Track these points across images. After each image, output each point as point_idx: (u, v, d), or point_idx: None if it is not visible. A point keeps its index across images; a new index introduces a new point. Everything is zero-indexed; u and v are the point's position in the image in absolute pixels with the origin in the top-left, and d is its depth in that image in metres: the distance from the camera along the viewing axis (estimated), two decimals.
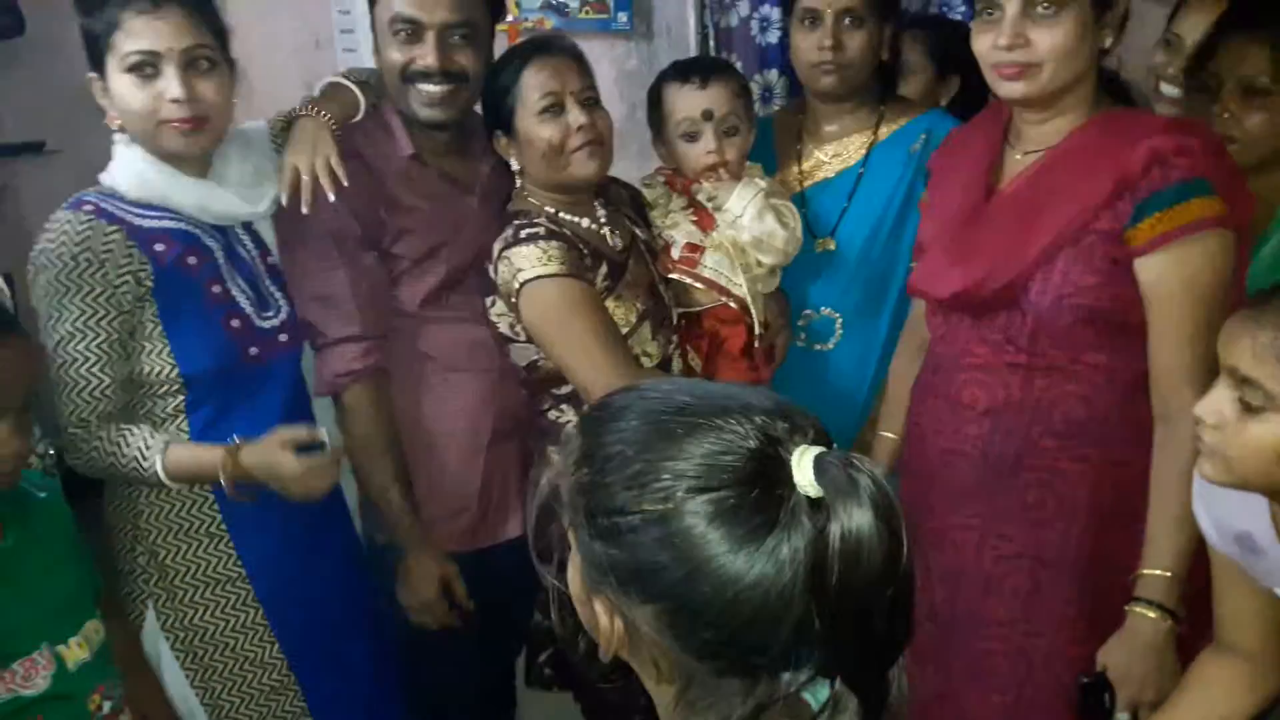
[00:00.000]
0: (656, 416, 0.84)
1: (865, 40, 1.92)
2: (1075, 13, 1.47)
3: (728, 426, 0.81)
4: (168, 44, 1.51)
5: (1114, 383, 1.55)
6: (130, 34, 1.50)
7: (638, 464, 0.82)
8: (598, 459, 0.85)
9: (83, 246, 1.51)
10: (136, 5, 1.50)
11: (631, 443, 0.83)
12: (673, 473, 0.80)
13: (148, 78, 1.51)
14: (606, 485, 0.83)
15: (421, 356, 1.84)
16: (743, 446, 0.80)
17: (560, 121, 1.72)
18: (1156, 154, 1.45)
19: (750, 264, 1.89)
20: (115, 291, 1.53)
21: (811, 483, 0.79)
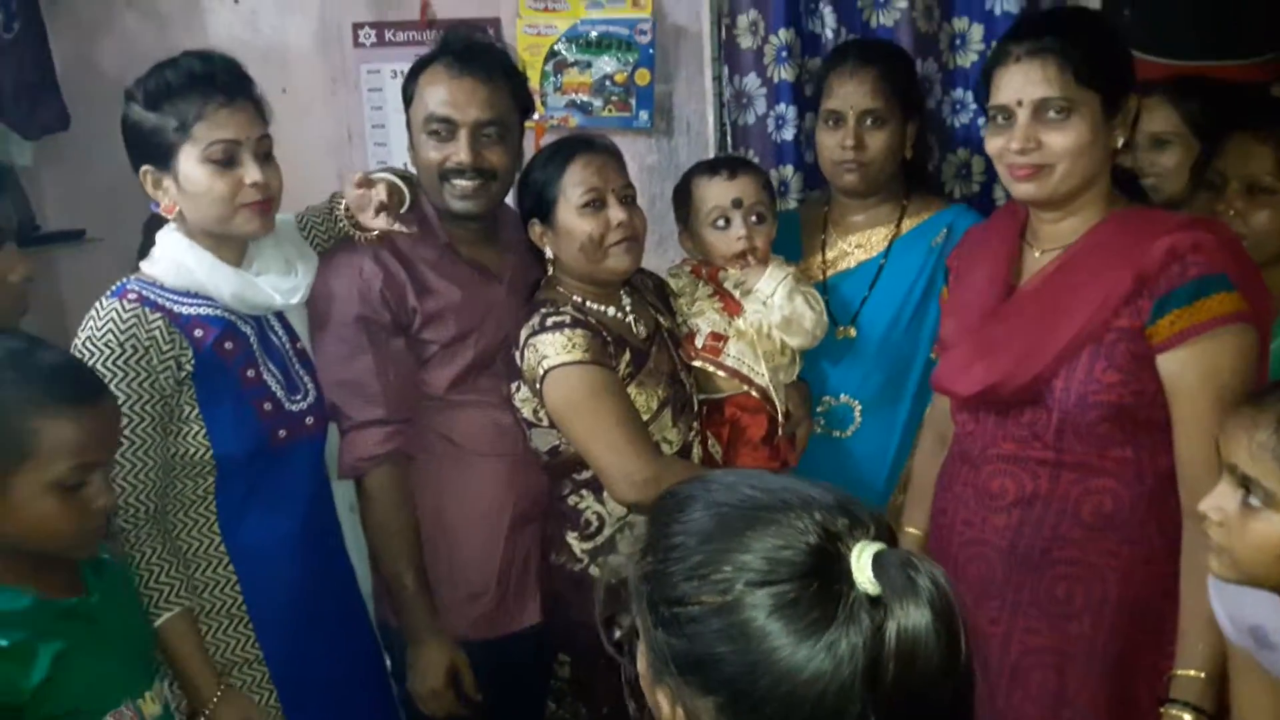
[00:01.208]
0: (720, 508, 0.86)
1: (886, 140, 1.99)
2: (1086, 115, 1.52)
3: (789, 521, 0.83)
4: (246, 133, 1.60)
5: (1141, 478, 1.55)
6: (214, 125, 1.58)
7: (699, 555, 0.83)
8: (661, 548, 0.86)
9: (128, 334, 1.55)
10: (218, 98, 1.58)
11: (695, 534, 0.85)
12: (734, 565, 0.82)
13: (227, 165, 1.59)
14: (669, 575, 0.84)
15: (445, 440, 1.87)
16: (803, 541, 0.82)
17: (601, 216, 1.78)
18: (1174, 251, 1.48)
19: (773, 352, 1.92)
20: (159, 377, 1.57)
21: (870, 580, 0.80)
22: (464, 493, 1.87)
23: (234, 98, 1.60)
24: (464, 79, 1.80)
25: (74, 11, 2.67)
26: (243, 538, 1.67)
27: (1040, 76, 1.52)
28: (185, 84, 1.58)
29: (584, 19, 2.73)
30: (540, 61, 2.74)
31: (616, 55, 2.74)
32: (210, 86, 1.59)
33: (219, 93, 1.59)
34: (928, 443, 1.88)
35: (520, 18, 2.73)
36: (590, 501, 1.82)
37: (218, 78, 1.60)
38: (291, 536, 1.71)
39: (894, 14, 2.54)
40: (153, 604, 1.57)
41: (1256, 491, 1.19)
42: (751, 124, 2.68)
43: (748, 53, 2.65)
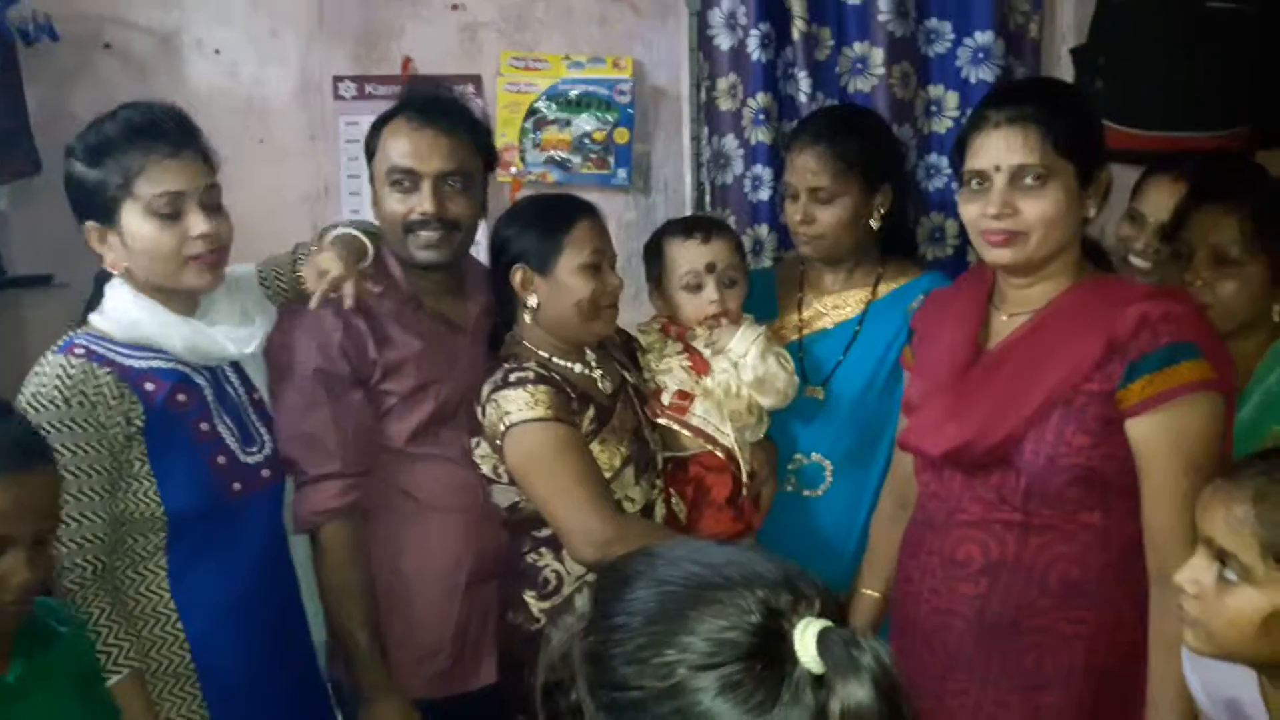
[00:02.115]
0: (663, 586, 0.84)
1: (837, 214, 1.98)
2: (1061, 184, 1.54)
3: (732, 599, 0.81)
4: (192, 184, 1.58)
5: (1109, 543, 1.54)
6: (157, 178, 1.55)
7: (642, 637, 0.82)
8: (604, 628, 0.85)
9: (74, 390, 1.52)
10: (160, 150, 1.56)
11: (637, 613, 0.83)
12: (679, 647, 0.80)
13: (172, 218, 1.56)
14: (611, 657, 0.83)
15: (403, 494, 1.84)
16: (747, 621, 0.80)
17: (599, 279, 1.81)
18: (1146, 318, 1.49)
19: (740, 412, 1.91)
20: (107, 433, 1.53)
21: (814, 658, 0.79)
22: (421, 548, 1.84)
23: (178, 148, 1.58)
24: (426, 130, 1.81)
25: (51, 57, 2.66)
26: (193, 595, 1.62)
27: (1020, 144, 1.54)
28: (125, 137, 1.56)
29: (564, 78, 2.76)
30: (520, 119, 2.76)
31: (596, 114, 2.76)
32: (152, 138, 1.56)
33: (161, 144, 1.56)
34: (887, 505, 1.87)
35: (501, 75, 2.75)
36: (549, 560, 1.80)
37: (160, 128, 1.57)
38: (244, 594, 1.66)
39: (871, 80, 2.59)
40: (102, 666, 1.52)
41: (1233, 566, 1.19)
42: (729, 184, 2.71)
43: (727, 114, 2.68)
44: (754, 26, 2.59)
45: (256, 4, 2.72)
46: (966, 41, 2.58)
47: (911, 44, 2.60)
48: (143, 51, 2.72)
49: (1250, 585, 1.17)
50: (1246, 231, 1.80)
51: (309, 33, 2.72)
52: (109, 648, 1.52)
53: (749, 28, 2.60)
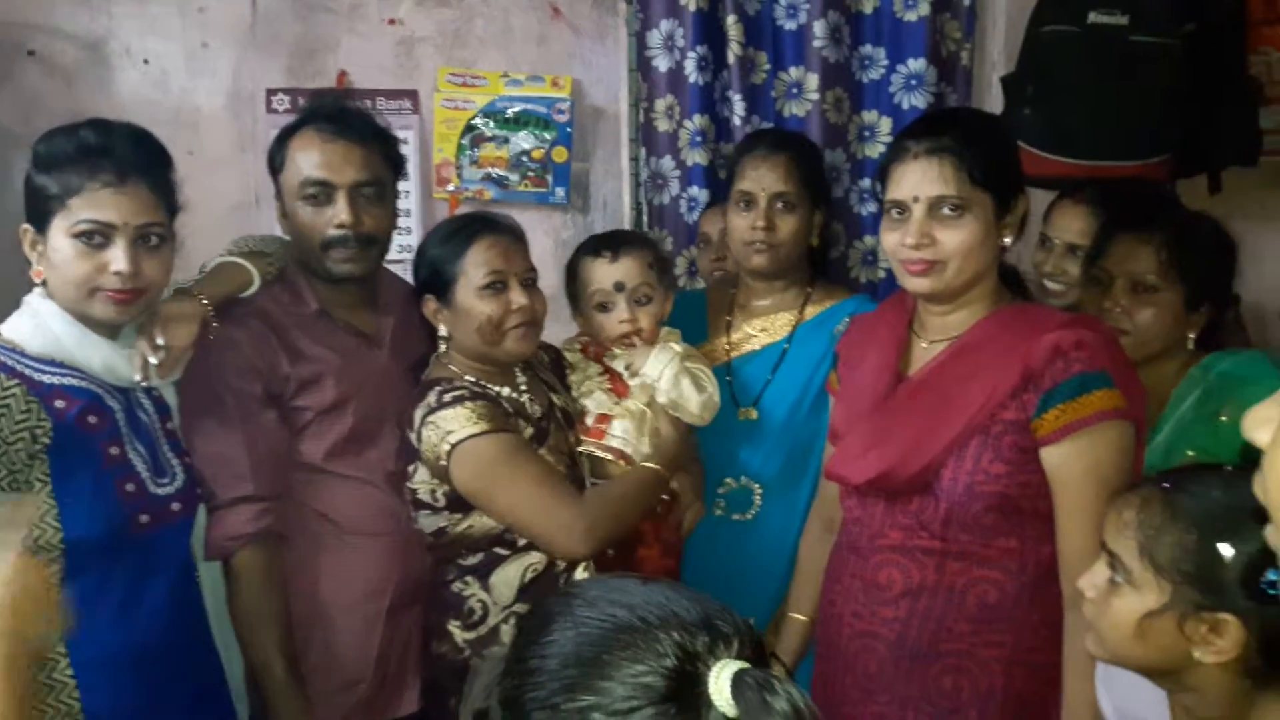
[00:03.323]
0: (579, 630, 0.83)
1: (795, 224, 2.02)
2: (978, 214, 1.56)
3: (648, 643, 0.81)
4: (125, 219, 1.52)
5: (1024, 568, 1.57)
6: (90, 203, 1.50)
7: (557, 682, 0.81)
8: (519, 670, 0.84)
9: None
10: (103, 176, 1.51)
11: (552, 658, 0.83)
12: (593, 691, 0.80)
13: (96, 247, 1.51)
14: (527, 701, 0.82)
15: (322, 518, 1.80)
16: (662, 665, 0.80)
17: (501, 299, 1.76)
18: (1058, 348, 1.51)
19: (666, 431, 1.90)
20: (9, 449, 1.47)
21: (728, 702, 0.79)
22: (341, 573, 1.79)
23: (125, 179, 1.52)
24: (338, 142, 1.78)
25: None
26: (88, 637, 1.50)
27: (937, 175, 1.56)
28: (76, 154, 1.51)
29: (502, 96, 2.75)
30: (457, 135, 2.75)
31: (534, 132, 2.76)
32: (100, 162, 1.51)
33: (109, 171, 1.51)
34: (815, 528, 1.88)
35: (438, 91, 2.74)
36: (475, 589, 1.77)
37: (114, 154, 1.52)
38: (145, 637, 1.57)
39: (805, 104, 2.62)
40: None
41: (1119, 568, 1.22)
42: (666, 204, 2.72)
43: (664, 135, 2.70)
44: (691, 49, 2.61)
45: (187, 15, 2.68)
46: (900, 68, 2.63)
47: (846, 70, 2.64)
48: (69, 60, 2.66)
49: (1130, 587, 1.21)
50: (1163, 260, 1.84)
51: (241, 44, 2.69)
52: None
53: (686, 50, 2.62)
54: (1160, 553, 1.19)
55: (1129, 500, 1.25)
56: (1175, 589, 1.17)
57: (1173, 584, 1.18)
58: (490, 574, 1.76)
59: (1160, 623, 1.18)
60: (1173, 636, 1.18)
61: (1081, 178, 2.43)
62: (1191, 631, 1.17)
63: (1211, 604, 1.15)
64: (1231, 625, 1.14)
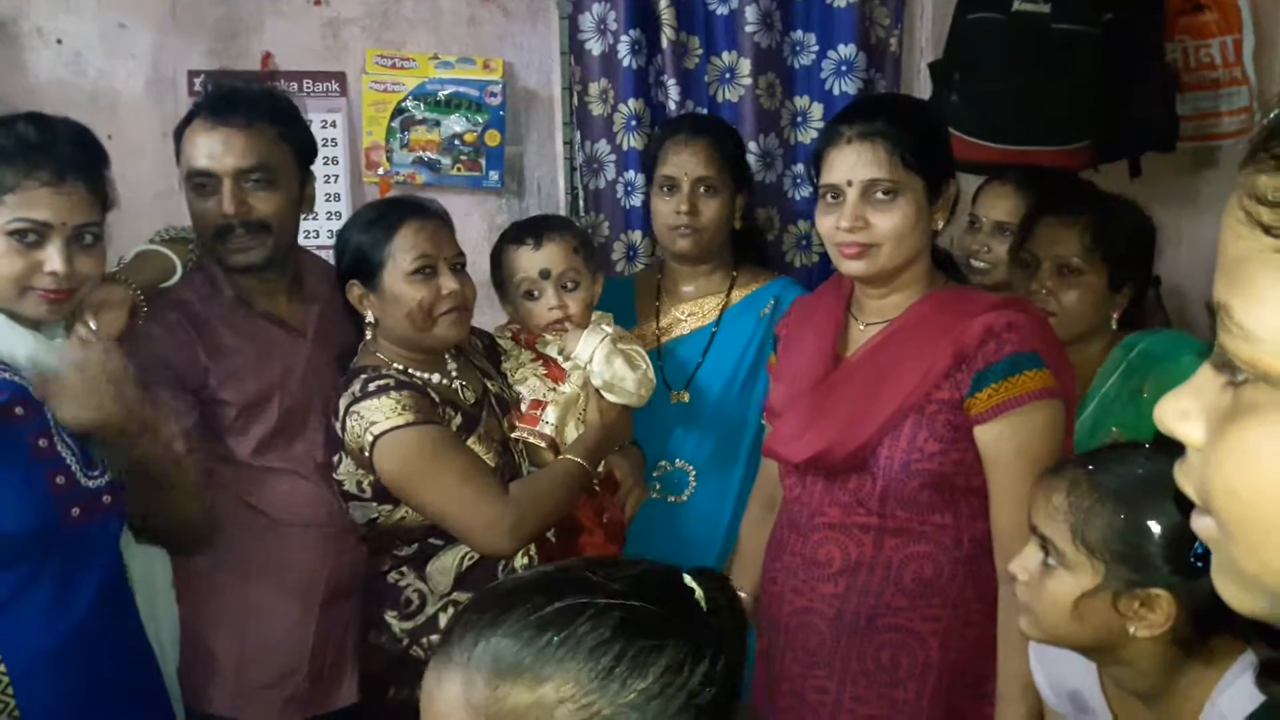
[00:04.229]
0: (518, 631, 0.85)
1: (718, 207, 2.04)
2: (910, 198, 1.59)
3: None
4: (62, 218, 1.47)
5: (959, 543, 1.60)
6: (26, 201, 1.45)
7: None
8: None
9: None
10: (41, 175, 1.46)
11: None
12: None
13: (29, 245, 1.47)
14: None
15: (252, 510, 1.77)
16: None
17: (431, 284, 1.73)
18: (990, 329, 1.55)
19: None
20: None
21: None
22: (274, 566, 1.77)
23: (63, 178, 1.47)
24: (220, 129, 1.73)
25: None
26: (19, 631, 1.48)
27: (870, 158, 1.58)
28: (10, 150, 1.46)
29: (433, 78, 2.71)
30: (387, 118, 2.70)
31: (466, 115, 2.72)
32: (38, 159, 1.46)
33: (45, 168, 1.46)
34: (755, 508, 1.90)
35: (366, 74, 2.69)
36: (411, 579, 1.75)
37: (51, 150, 1.47)
38: (78, 631, 1.53)
39: (739, 90, 2.63)
40: None
41: (1052, 552, 1.25)
42: (603, 189, 2.71)
43: (599, 119, 2.68)
44: (624, 33, 2.60)
45: None
46: (830, 54, 2.65)
47: (778, 55, 2.65)
48: None
49: (1064, 569, 1.24)
50: (1086, 243, 1.90)
51: (161, 25, 2.60)
52: None
53: (619, 34, 2.61)
54: (1092, 534, 1.22)
55: (1056, 484, 1.27)
56: (1108, 568, 1.20)
57: (1105, 564, 1.21)
58: (426, 564, 1.74)
59: (1095, 602, 1.21)
60: (1107, 614, 1.21)
61: (1007, 163, 2.49)
62: (1125, 608, 1.20)
63: (1143, 580, 1.19)
64: (1164, 599, 1.18)
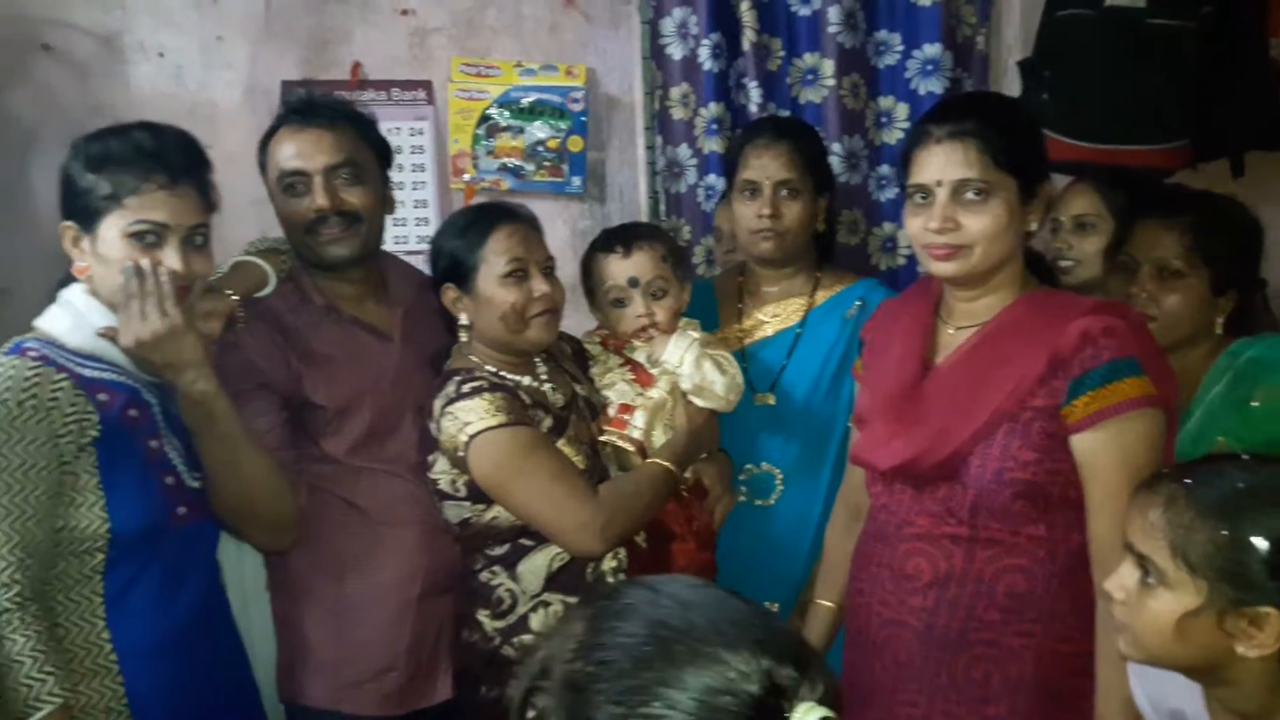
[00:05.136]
0: (660, 630, 0.80)
1: (800, 210, 2.02)
2: (1003, 198, 1.55)
3: (733, 663, 0.77)
4: (178, 220, 1.54)
5: (1054, 556, 1.56)
6: (146, 204, 1.52)
7: (632, 680, 0.78)
8: (594, 658, 0.81)
9: (29, 393, 1.47)
10: (158, 179, 1.52)
11: (630, 653, 0.79)
12: (666, 701, 0.77)
13: (148, 246, 1.53)
14: (596, 691, 0.79)
15: (350, 507, 1.81)
16: (744, 690, 0.76)
17: (524, 288, 1.76)
18: (1087, 334, 1.50)
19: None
20: (59, 441, 1.48)
21: None
22: (371, 563, 1.81)
23: (177, 181, 1.54)
24: (307, 130, 1.81)
25: None
26: (130, 624, 1.55)
27: (961, 158, 1.55)
28: (129, 155, 1.53)
29: (517, 85, 2.74)
30: (472, 125, 2.74)
31: (549, 121, 2.75)
32: (154, 164, 1.53)
33: (161, 173, 1.53)
34: (841, 515, 1.87)
35: (452, 82, 2.73)
36: (503, 578, 1.77)
37: (165, 157, 1.54)
38: (183, 625, 1.60)
39: (821, 91, 2.61)
40: (23, 700, 1.43)
41: (1151, 570, 1.22)
42: (683, 193, 2.72)
43: (680, 124, 2.69)
44: (705, 36, 2.61)
45: (202, 8, 2.68)
46: (915, 53, 2.62)
47: (861, 55, 2.62)
48: (83, 54, 2.66)
49: (1165, 588, 1.20)
50: (1188, 245, 1.84)
51: (256, 37, 2.68)
52: (33, 680, 1.44)
53: (700, 38, 2.61)
54: (1192, 552, 1.18)
55: (1152, 500, 1.23)
56: (1211, 587, 1.16)
57: (1208, 582, 1.17)
58: (517, 564, 1.76)
59: (1199, 622, 1.17)
60: (1212, 634, 1.17)
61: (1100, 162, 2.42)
62: (1232, 627, 1.16)
63: (1249, 599, 1.15)
64: (1273, 617, 1.14)
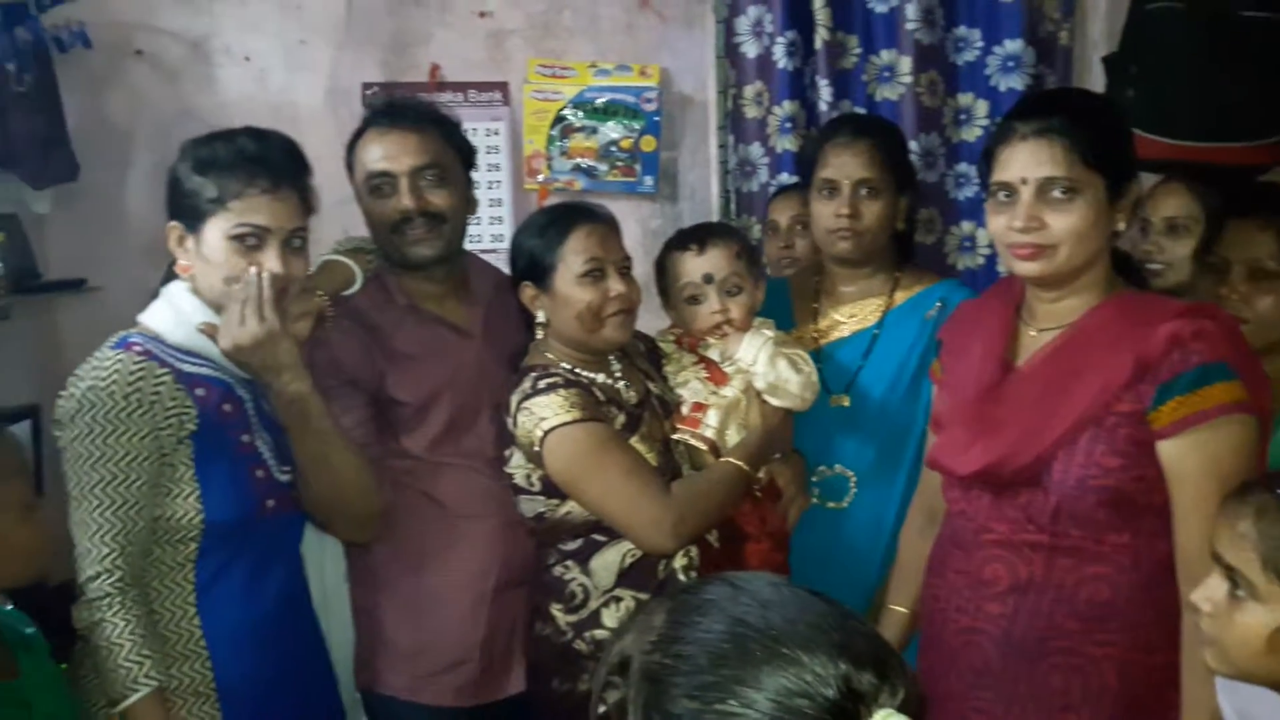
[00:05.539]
0: (739, 628, 0.80)
1: (880, 210, 1.99)
2: (1090, 197, 1.51)
3: (810, 666, 0.76)
4: (280, 223, 1.58)
5: (1139, 565, 1.52)
6: (249, 208, 1.56)
7: (709, 676, 0.78)
8: (672, 651, 0.81)
9: (134, 387, 1.53)
10: (261, 183, 1.57)
11: (708, 649, 0.79)
12: (742, 700, 0.76)
13: (250, 248, 1.57)
14: (673, 684, 0.79)
15: (429, 499, 1.85)
16: (821, 694, 0.75)
17: (600, 287, 1.78)
18: (1176, 338, 1.46)
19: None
20: (160, 434, 1.54)
21: None
22: (448, 555, 1.84)
23: (279, 186, 1.59)
24: (392, 132, 1.85)
25: (85, 65, 2.70)
26: (219, 610, 1.61)
27: (1047, 156, 1.51)
28: (234, 160, 1.58)
29: (591, 86, 2.76)
30: (547, 126, 2.77)
31: (623, 121, 2.77)
32: (258, 169, 1.57)
33: (264, 177, 1.57)
34: (916, 520, 1.84)
35: (528, 83, 2.76)
36: (575, 573, 1.79)
37: (268, 161, 1.59)
38: (267, 613, 1.65)
39: (898, 88, 2.58)
40: (122, 683, 1.49)
41: (1241, 582, 1.18)
42: (755, 191, 2.71)
43: (752, 122, 2.68)
44: (780, 34, 2.60)
45: (286, 12, 2.75)
46: (996, 49, 2.58)
47: (940, 52, 2.59)
48: (173, 58, 2.75)
49: (1255, 602, 1.16)
50: None
51: (338, 40, 2.74)
52: (131, 663, 1.49)
53: (775, 35, 2.61)
54: None
55: (1241, 510, 1.19)
56: None
57: None
58: (590, 559, 1.78)
59: None
60: None
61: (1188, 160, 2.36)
62: None
63: None
64: None
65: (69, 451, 1.54)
